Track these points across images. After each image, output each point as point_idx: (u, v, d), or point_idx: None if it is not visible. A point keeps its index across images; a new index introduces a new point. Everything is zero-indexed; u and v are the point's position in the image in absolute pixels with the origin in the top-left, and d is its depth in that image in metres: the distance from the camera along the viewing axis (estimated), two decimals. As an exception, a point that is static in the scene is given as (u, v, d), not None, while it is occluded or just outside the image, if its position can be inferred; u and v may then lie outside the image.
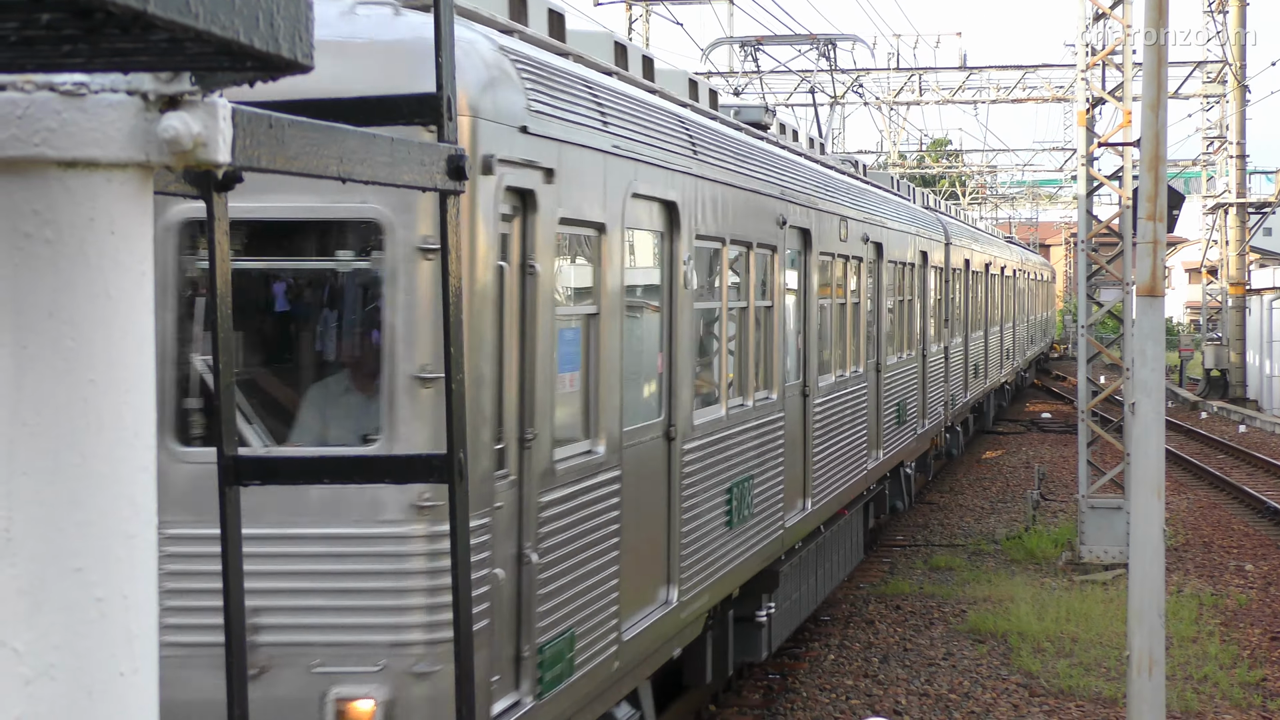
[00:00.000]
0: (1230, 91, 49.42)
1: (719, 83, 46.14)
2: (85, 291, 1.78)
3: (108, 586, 1.78)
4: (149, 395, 1.86)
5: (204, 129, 1.84)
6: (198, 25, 1.65)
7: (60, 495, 1.75)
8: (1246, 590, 20.89)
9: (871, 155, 64.32)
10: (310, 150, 2.10)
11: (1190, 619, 18.79)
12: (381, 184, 2.34)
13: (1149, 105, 11.55)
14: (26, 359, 1.75)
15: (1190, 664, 16.74)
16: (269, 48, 1.79)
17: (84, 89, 1.79)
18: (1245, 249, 51.29)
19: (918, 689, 15.89)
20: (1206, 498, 29.66)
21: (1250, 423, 44.95)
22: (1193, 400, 51.38)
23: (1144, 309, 11.67)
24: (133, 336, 1.83)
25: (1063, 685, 15.96)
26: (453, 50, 2.69)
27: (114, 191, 1.81)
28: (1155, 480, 11.48)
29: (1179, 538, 24.67)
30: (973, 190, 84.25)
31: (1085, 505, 22.86)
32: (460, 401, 2.66)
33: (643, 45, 42.41)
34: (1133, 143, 22.34)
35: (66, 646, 1.75)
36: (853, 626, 18.73)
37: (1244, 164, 50.91)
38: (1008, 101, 50.04)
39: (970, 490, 31.18)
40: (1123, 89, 23.52)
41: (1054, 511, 27.47)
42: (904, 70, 50.27)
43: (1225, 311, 51.57)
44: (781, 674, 16.52)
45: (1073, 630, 18.29)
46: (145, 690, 1.84)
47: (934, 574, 22.17)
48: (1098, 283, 25.07)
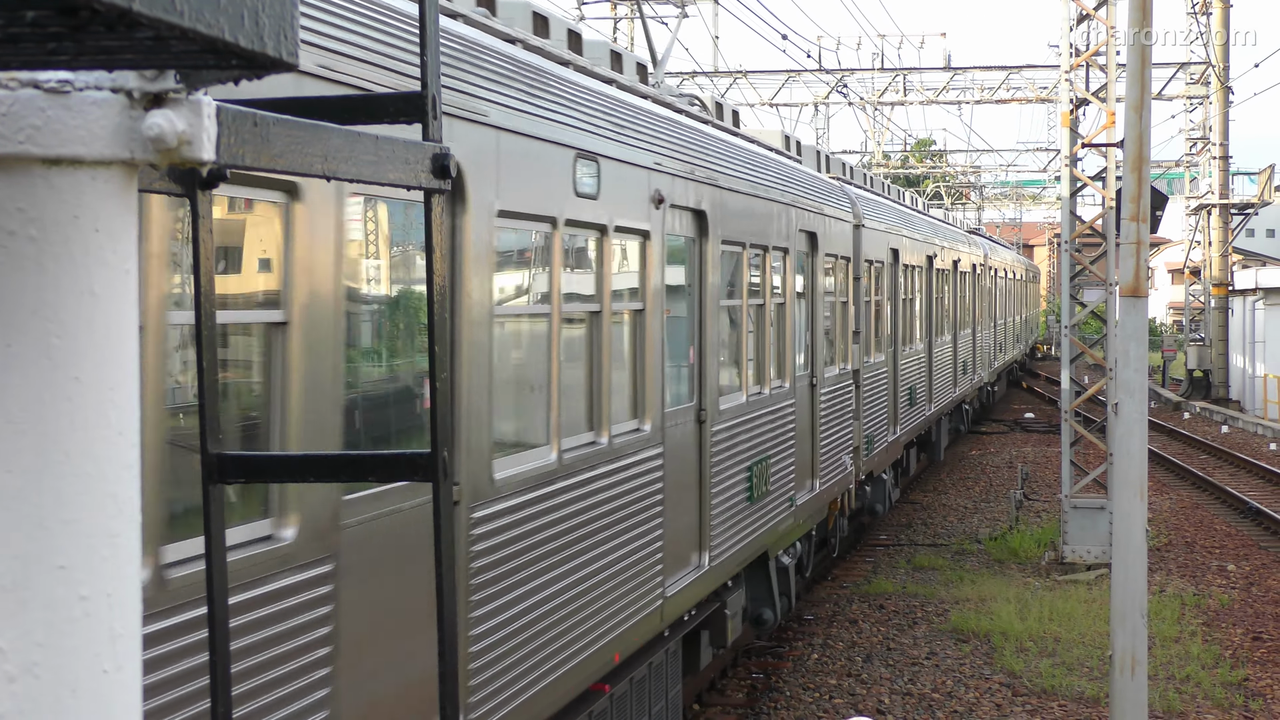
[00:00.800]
0: (1213, 93, 49.55)
1: (704, 83, 46.18)
2: (70, 289, 1.78)
3: (92, 585, 1.78)
4: (133, 393, 1.86)
5: (189, 127, 1.84)
6: (183, 23, 1.65)
7: (44, 493, 1.75)
8: (1228, 590, 20.96)
9: (856, 155, 64.38)
10: (295, 148, 2.10)
11: (1173, 619, 18.84)
12: (366, 182, 2.34)
13: (1132, 106, 11.58)
14: (11, 357, 1.75)
15: (1173, 664, 16.78)
16: (254, 46, 1.79)
17: (68, 86, 1.79)
18: (1228, 250, 51.44)
19: (901, 688, 15.92)
20: (1189, 498, 29.74)
21: (1233, 423, 45.08)
22: (1175, 401, 51.51)
23: (1127, 309, 11.69)
24: (117, 334, 1.83)
25: (1045, 685, 16.00)
26: (438, 48, 2.69)
27: (98, 189, 1.81)
28: (1138, 480, 11.50)
29: (1161, 538, 24.73)
30: (956, 190, 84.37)
31: (1068, 505, 22.91)
32: (445, 400, 2.65)
33: (610, 41, 42.42)
34: (1116, 144, 22.40)
35: (50, 644, 1.75)
36: (836, 625, 18.75)
37: (1227, 165, 51.06)
38: (992, 102, 50.12)
39: (954, 490, 31.24)
40: (1106, 90, 23.57)
41: (1037, 511, 27.52)
42: (888, 70, 50.33)
43: (1208, 312, 51.72)
44: (765, 673, 16.53)
45: (1055, 630, 18.34)
46: (129, 688, 1.84)
47: (917, 573, 22.21)
48: (1081, 283, 25.12)
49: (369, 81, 6.67)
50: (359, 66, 6.61)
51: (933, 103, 50.39)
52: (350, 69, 6.52)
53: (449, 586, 2.62)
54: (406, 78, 6.95)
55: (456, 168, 8.46)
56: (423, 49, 2.66)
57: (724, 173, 13.33)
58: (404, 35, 7.06)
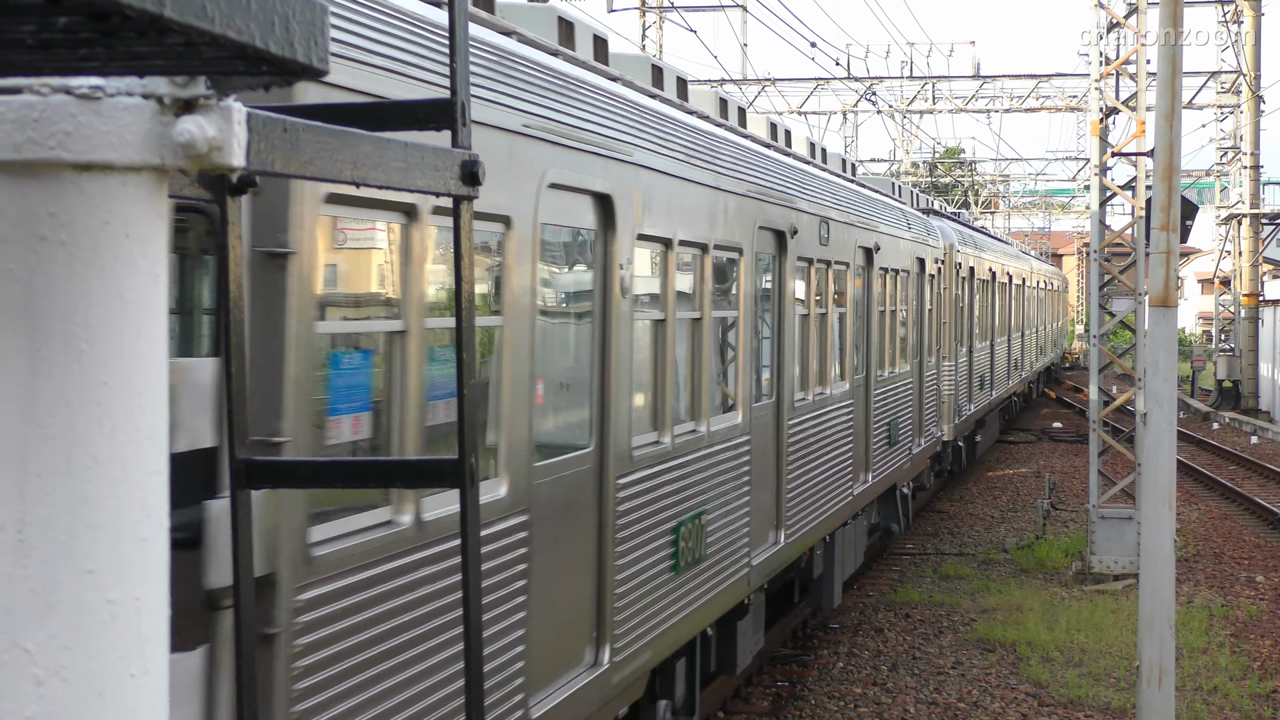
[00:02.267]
0: (1245, 102, 49.35)
1: (733, 90, 46.16)
2: (99, 294, 1.78)
3: (120, 589, 1.79)
4: (162, 398, 1.87)
5: (219, 133, 1.85)
6: (213, 29, 1.66)
7: (73, 497, 1.76)
8: (1257, 602, 20.85)
9: (884, 164, 64.30)
10: (324, 155, 2.10)
11: (1200, 630, 18.76)
12: (395, 188, 2.34)
13: (1163, 115, 11.54)
14: (40, 361, 1.76)
15: (1200, 675, 16.70)
16: (284, 52, 1.80)
17: (100, 92, 1.80)
18: (1259, 260, 51.21)
19: (926, 697, 15.87)
20: (1217, 508, 29.60)
21: (1262, 434, 44.87)
22: (1205, 411, 51.29)
23: (1156, 319, 11.65)
24: (146, 340, 1.83)
25: (1072, 695, 15.93)
26: (467, 55, 2.70)
27: (129, 195, 1.82)
28: (1166, 490, 11.46)
29: (1189, 548, 24.62)
30: (985, 200, 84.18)
31: (1096, 515, 22.83)
32: (473, 407, 2.66)
33: (657, 54, 42.43)
34: (1146, 153, 22.32)
35: (78, 648, 1.75)
36: (861, 634, 18.71)
37: (1258, 175, 50.83)
38: (1021, 111, 50.00)
39: (980, 499, 31.15)
40: (1136, 99, 23.48)
41: (1064, 521, 27.43)
42: (917, 79, 50.27)
43: (1238, 322, 51.49)
44: (790, 681, 16.51)
45: (1082, 640, 18.26)
46: (156, 692, 1.85)
47: (943, 583, 22.15)
48: (1110, 293, 25.04)
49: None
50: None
51: (961, 111, 50.30)
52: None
53: (475, 591, 2.63)
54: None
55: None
56: (452, 56, 2.67)
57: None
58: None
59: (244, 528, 2.40)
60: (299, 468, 3.32)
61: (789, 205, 14.36)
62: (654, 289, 10.62)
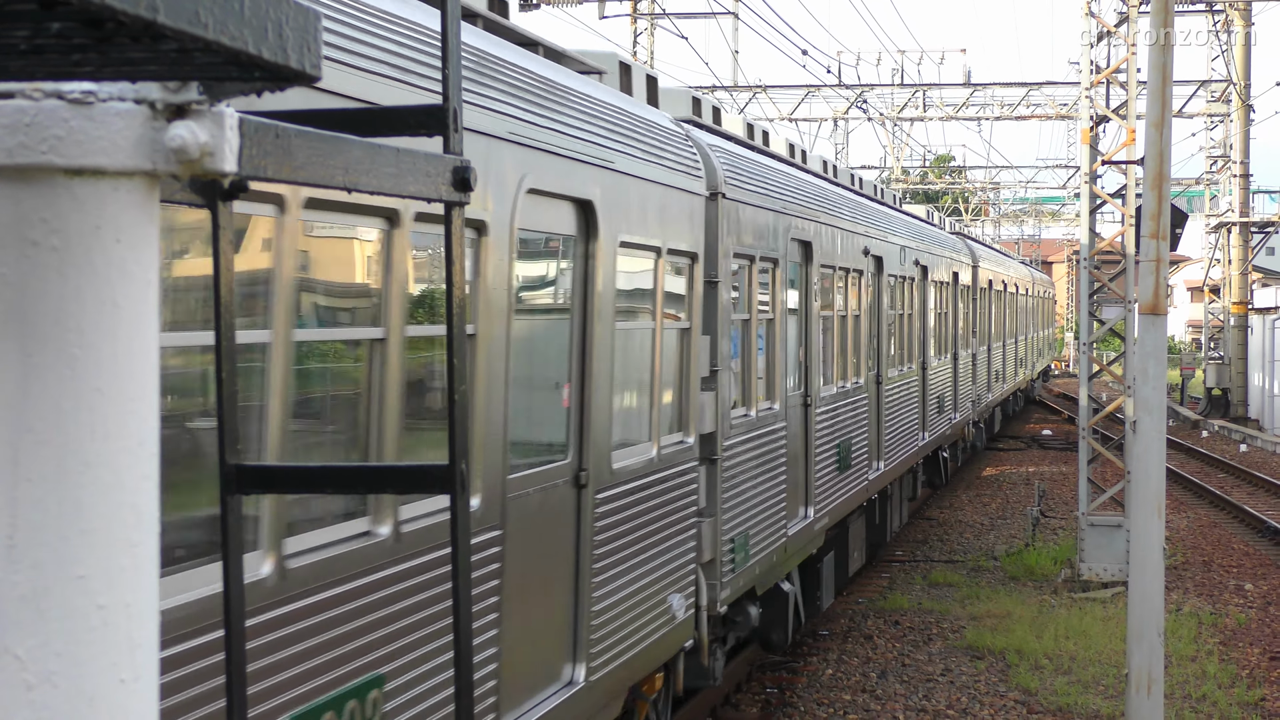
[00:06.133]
0: (1234, 111, 49.45)
1: (724, 98, 46.18)
2: (92, 300, 1.78)
3: (110, 594, 1.78)
4: (153, 404, 1.87)
5: (211, 138, 1.85)
6: (207, 35, 1.66)
7: (64, 502, 1.76)
8: (1246, 610, 20.88)
9: (874, 171, 64.36)
10: (316, 160, 2.10)
11: (1189, 638, 18.78)
12: (387, 194, 2.34)
13: (1153, 123, 11.57)
14: (32, 367, 1.76)
15: (1189, 683, 16.72)
16: (277, 58, 1.80)
17: (92, 97, 1.80)
18: (1248, 268, 51.31)
19: (915, 704, 15.88)
20: (1207, 516, 29.64)
21: (1251, 442, 44.93)
22: (1194, 419, 51.36)
23: (1146, 327, 11.68)
24: (138, 345, 1.83)
25: (1061, 703, 15.95)
26: (459, 60, 2.70)
27: (120, 200, 1.82)
28: (1155, 498, 11.48)
29: (1179, 556, 24.65)
30: (975, 207, 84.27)
31: (1085, 523, 22.85)
32: (464, 412, 2.66)
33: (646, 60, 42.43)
34: (1136, 161, 22.37)
35: (68, 654, 1.75)
36: (851, 641, 18.72)
37: (1247, 183, 50.94)
38: (1011, 118, 50.10)
39: (970, 506, 31.17)
40: (1127, 107, 23.53)
41: (1054, 529, 27.45)
42: (908, 86, 50.32)
43: (1227, 330, 51.57)
44: (779, 688, 16.51)
45: (1071, 648, 18.28)
46: (146, 698, 1.85)
47: (933, 590, 22.16)
48: (1100, 300, 25.07)
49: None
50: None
51: (952, 119, 50.37)
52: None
53: (465, 598, 2.62)
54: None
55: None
56: (444, 61, 2.67)
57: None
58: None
59: (235, 533, 2.40)
60: (289, 474, 3.32)
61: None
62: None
